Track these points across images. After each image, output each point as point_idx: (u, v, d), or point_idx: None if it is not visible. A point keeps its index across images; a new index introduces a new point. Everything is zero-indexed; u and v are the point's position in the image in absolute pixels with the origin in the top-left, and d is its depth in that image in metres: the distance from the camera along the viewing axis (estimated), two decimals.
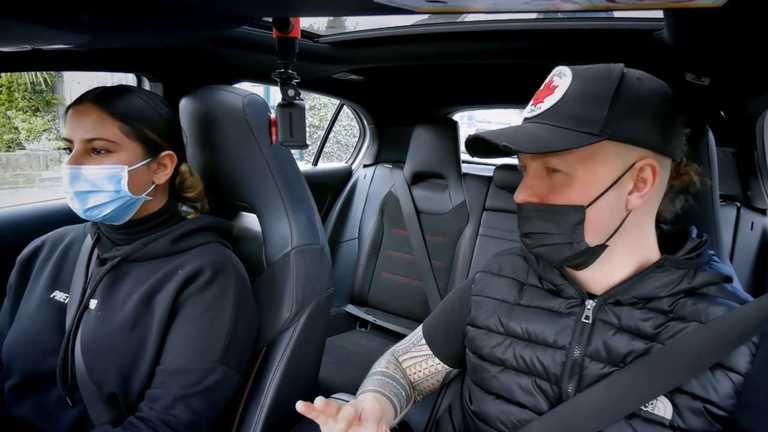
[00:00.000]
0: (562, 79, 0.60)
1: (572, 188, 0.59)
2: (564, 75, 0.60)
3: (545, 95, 0.61)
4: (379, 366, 0.80)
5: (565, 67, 0.61)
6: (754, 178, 1.44)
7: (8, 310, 0.85)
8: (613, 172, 0.58)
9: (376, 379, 0.75)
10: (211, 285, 0.77)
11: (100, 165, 0.74)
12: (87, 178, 0.74)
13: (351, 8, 0.63)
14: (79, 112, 0.74)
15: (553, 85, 0.61)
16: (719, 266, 0.62)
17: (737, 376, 0.55)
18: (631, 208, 0.59)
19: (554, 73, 0.62)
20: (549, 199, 0.61)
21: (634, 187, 0.59)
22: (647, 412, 0.57)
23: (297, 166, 0.96)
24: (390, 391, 0.73)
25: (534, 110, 0.61)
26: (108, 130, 0.75)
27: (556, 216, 0.60)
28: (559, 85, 0.60)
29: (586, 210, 0.58)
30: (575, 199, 0.59)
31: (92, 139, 0.74)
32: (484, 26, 1.11)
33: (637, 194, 0.59)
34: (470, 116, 6.67)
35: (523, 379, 0.65)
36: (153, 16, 0.62)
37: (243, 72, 1.30)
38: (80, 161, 0.74)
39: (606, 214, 0.59)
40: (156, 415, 0.70)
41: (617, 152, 0.58)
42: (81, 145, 0.74)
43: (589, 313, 0.63)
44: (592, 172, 0.58)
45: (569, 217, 0.59)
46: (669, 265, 0.61)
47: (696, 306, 0.59)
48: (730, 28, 0.65)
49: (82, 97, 0.76)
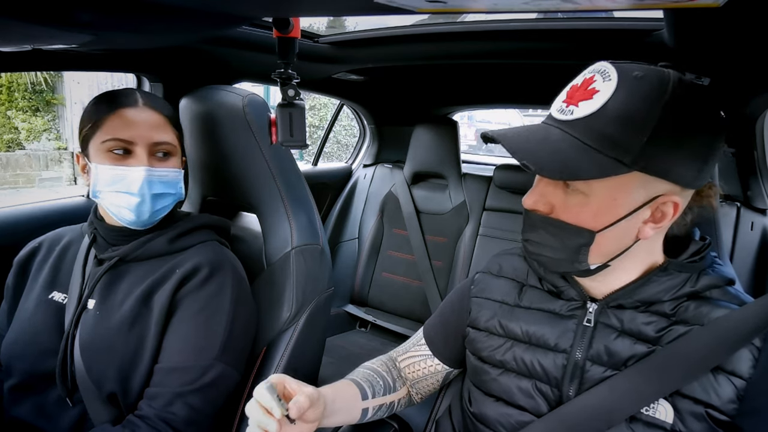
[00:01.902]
0: (604, 82, 0.52)
1: (586, 209, 0.55)
2: (608, 77, 0.52)
3: (581, 98, 0.54)
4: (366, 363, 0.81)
5: (611, 67, 0.53)
6: (754, 178, 1.44)
7: (6, 311, 0.85)
8: (633, 202, 0.54)
9: (355, 371, 0.79)
10: (208, 282, 0.77)
11: (168, 168, 0.78)
12: (161, 180, 0.77)
13: (351, 8, 0.63)
14: (138, 114, 0.75)
15: (592, 86, 0.53)
16: (722, 269, 0.61)
17: (740, 380, 0.54)
18: (642, 237, 0.56)
19: (597, 69, 0.54)
20: (559, 214, 0.57)
21: (650, 217, 0.55)
22: (648, 416, 0.56)
23: (297, 166, 0.96)
24: (361, 377, 0.75)
25: (564, 112, 0.55)
26: (169, 134, 0.79)
27: (563, 233, 0.57)
28: (600, 91, 0.52)
29: (596, 234, 0.55)
30: (587, 222, 0.55)
31: (159, 142, 0.77)
32: (484, 26, 1.11)
33: (652, 225, 0.56)
34: (470, 116, 6.66)
35: (524, 381, 0.65)
36: (153, 16, 0.61)
37: (243, 72, 1.30)
38: (152, 164, 0.76)
39: (615, 240, 0.56)
40: (155, 412, 0.70)
41: (643, 183, 0.53)
42: (147, 148, 0.75)
43: (591, 316, 0.62)
44: (611, 198, 0.54)
45: (577, 238, 0.56)
46: (672, 269, 0.59)
47: (699, 309, 0.58)
48: (730, 28, 0.65)
49: (130, 100, 0.76)
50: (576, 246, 0.57)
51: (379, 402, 0.75)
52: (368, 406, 0.73)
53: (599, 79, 0.53)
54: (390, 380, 0.78)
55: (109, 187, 0.74)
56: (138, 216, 0.76)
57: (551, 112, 0.58)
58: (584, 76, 0.56)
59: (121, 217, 0.77)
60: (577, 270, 0.59)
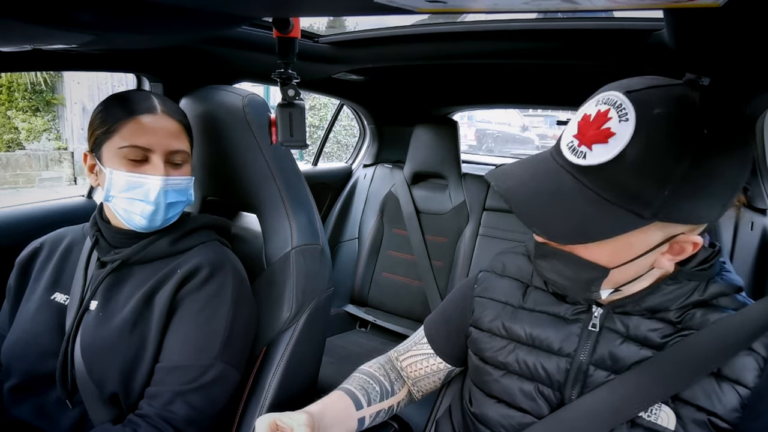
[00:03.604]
0: (620, 123, 0.47)
1: (602, 251, 0.53)
2: (624, 117, 0.46)
3: (595, 139, 0.48)
4: (365, 365, 0.81)
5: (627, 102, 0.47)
6: (754, 178, 1.43)
7: (8, 312, 0.85)
8: (650, 244, 0.52)
9: (351, 377, 0.78)
10: (209, 282, 0.77)
11: (182, 177, 0.79)
12: (175, 189, 0.77)
13: (351, 8, 0.63)
14: (157, 122, 0.75)
15: (606, 126, 0.48)
16: (730, 276, 0.60)
17: (744, 389, 0.53)
18: (658, 266, 0.55)
19: (611, 103, 0.48)
20: (574, 249, 0.55)
21: (668, 249, 0.54)
22: (650, 422, 0.56)
23: (297, 166, 0.96)
24: (357, 386, 0.75)
25: (577, 153, 0.50)
26: (184, 142, 0.80)
27: (576, 266, 0.55)
28: (617, 134, 0.47)
29: (610, 271, 0.54)
30: (602, 260, 0.54)
31: (176, 151, 0.77)
32: (484, 26, 1.11)
33: (669, 257, 0.54)
34: (470, 116, 6.66)
35: (526, 384, 0.65)
36: (153, 16, 0.61)
37: (243, 72, 1.30)
38: (168, 172, 0.76)
39: (630, 272, 0.55)
40: (155, 411, 0.70)
41: (662, 227, 0.51)
42: (164, 156, 0.76)
43: (596, 321, 0.62)
44: (628, 244, 0.52)
45: (591, 272, 0.55)
46: (682, 278, 0.58)
47: (706, 317, 0.57)
48: (730, 28, 0.65)
49: (148, 106, 0.76)
50: (589, 279, 0.56)
51: (375, 409, 0.74)
52: (364, 415, 0.73)
53: (614, 116, 0.47)
54: (387, 384, 0.78)
55: (123, 193, 0.75)
56: (150, 223, 0.77)
57: (561, 148, 0.53)
58: (597, 106, 0.50)
59: (132, 223, 0.77)
60: (588, 297, 0.60)
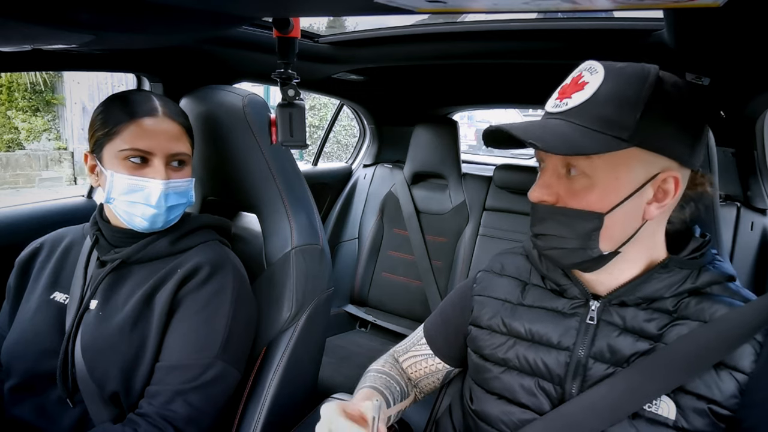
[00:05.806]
0: (592, 75, 0.57)
1: (592, 193, 0.57)
2: (595, 71, 0.57)
3: (573, 90, 0.58)
4: (376, 365, 0.80)
5: (596, 63, 0.58)
6: (754, 178, 1.44)
7: (8, 312, 0.85)
8: (635, 180, 0.56)
9: (370, 376, 0.76)
10: (209, 281, 0.77)
11: (183, 179, 0.79)
12: (176, 192, 0.78)
13: (351, 8, 0.63)
14: (158, 125, 0.76)
15: (582, 80, 0.57)
16: (722, 265, 0.61)
17: (742, 375, 0.54)
18: (648, 218, 0.58)
19: (583, 68, 0.59)
20: (566, 202, 0.59)
21: (653, 197, 0.58)
22: (651, 413, 0.56)
23: (297, 166, 0.96)
24: (382, 384, 0.74)
25: (559, 105, 0.58)
26: (185, 144, 0.80)
27: (572, 220, 0.58)
28: (590, 82, 0.57)
29: (604, 217, 0.57)
30: (594, 204, 0.57)
31: (177, 153, 0.78)
32: (484, 26, 1.11)
33: (656, 205, 0.58)
34: (470, 116, 6.66)
35: (526, 379, 0.65)
36: (153, 16, 0.61)
37: (243, 72, 1.30)
38: (169, 175, 0.76)
39: (623, 222, 0.58)
40: (155, 410, 0.70)
41: (642, 160, 0.56)
42: (165, 159, 0.76)
43: (593, 314, 0.63)
44: (614, 178, 0.56)
45: (586, 223, 0.57)
46: (673, 266, 0.60)
47: (700, 305, 0.58)
48: (730, 28, 0.65)
49: (149, 108, 0.76)
50: (586, 231, 0.58)
51: (397, 409, 0.74)
52: (390, 414, 0.72)
53: (587, 74, 0.58)
54: (404, 385, 0.78)
55: (124, 196, 0.75)
56: (152, 225, 0.77)
57: (546, 110, 0.61)
58: (572, 75, 0.60)
59: (133, 224, 0.78)
60: (590, 257, 0.59)
